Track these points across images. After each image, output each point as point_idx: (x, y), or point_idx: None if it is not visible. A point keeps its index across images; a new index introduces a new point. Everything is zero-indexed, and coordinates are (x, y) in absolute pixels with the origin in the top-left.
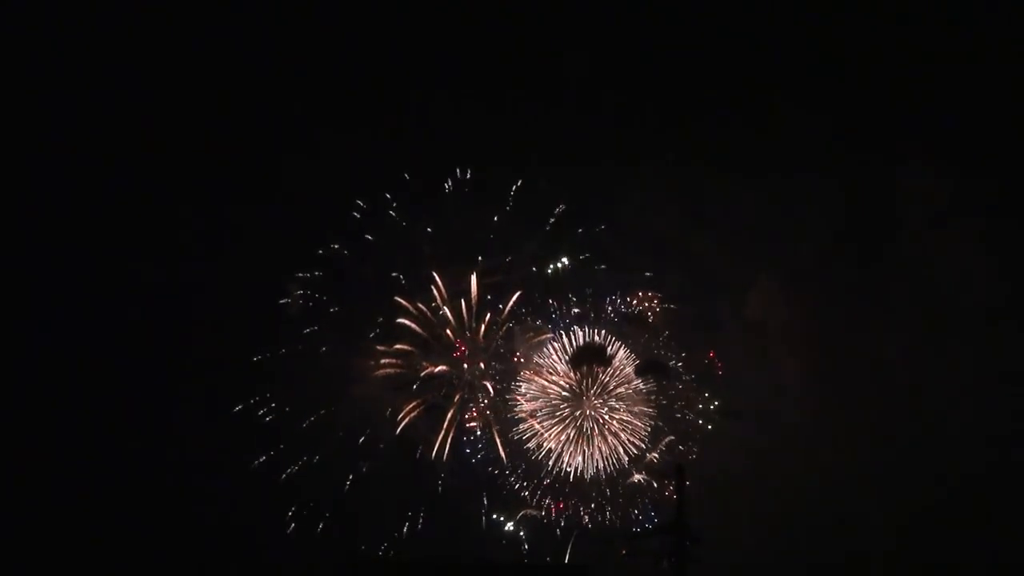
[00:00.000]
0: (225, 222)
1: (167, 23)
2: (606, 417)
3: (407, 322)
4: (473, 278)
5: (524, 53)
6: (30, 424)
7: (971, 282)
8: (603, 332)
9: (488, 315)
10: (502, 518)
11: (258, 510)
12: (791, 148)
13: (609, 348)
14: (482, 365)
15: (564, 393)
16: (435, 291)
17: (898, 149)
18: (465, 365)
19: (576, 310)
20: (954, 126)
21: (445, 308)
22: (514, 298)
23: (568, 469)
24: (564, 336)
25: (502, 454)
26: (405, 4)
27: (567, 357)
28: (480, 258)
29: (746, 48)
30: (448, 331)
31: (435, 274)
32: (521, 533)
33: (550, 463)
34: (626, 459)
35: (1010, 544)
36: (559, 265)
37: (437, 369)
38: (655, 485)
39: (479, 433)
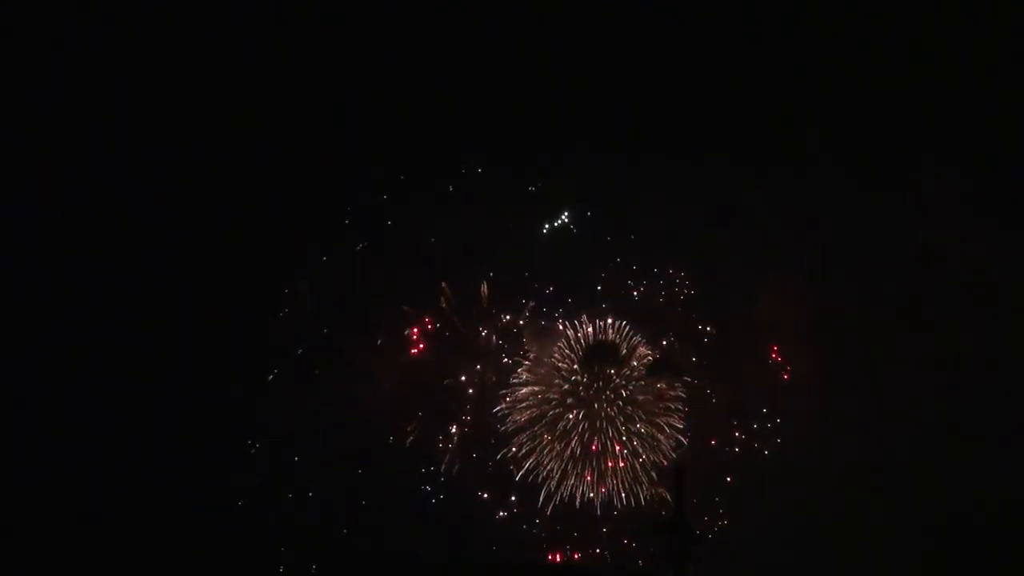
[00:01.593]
0: (221, 225)
1: (167, 23)
2: (623, 432)
3: (413, 330)
4: (484, 285)
5: (528, 53)
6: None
7: (983, 282)
8: (620, 323)
9: (499, 323)
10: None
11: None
12: (796, 147)
13: (623, 345)
14: (494, 378)
15: (568, 400)
16: (443, 298)
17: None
18: (476, 375)
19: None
20: (971, 125)
21: (455, 316)
22: (529, 306)
23: (575, 501)
24: (568, 326)
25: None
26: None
27: (570, 351)
28: (491, 273)
29: (755, 47)
30: (456, 339)
31: (443, 283)
32: None
33: (550, 490)
34: (644, 481)
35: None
36: (557, 224)
37: (446, 381)
38: (668, 499)
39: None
